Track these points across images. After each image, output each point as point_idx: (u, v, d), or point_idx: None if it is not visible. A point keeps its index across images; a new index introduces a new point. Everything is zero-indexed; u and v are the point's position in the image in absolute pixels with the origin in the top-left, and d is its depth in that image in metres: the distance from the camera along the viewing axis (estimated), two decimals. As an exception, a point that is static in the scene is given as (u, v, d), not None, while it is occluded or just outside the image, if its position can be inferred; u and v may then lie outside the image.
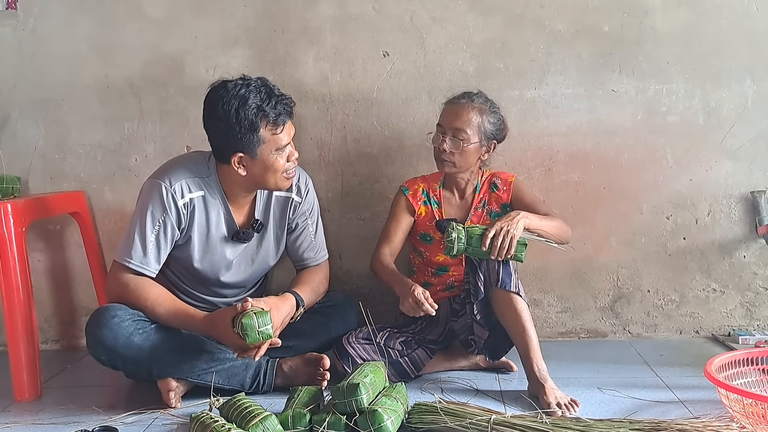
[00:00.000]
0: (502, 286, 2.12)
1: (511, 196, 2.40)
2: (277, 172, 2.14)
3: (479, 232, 2.11)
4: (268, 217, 2.31)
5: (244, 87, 2.06)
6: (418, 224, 2.41)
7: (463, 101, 2.30)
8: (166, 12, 2.68)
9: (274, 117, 2.07)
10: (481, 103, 2.31)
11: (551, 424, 1.77)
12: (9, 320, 2.22)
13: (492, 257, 2.11)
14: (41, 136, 2.74)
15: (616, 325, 2.76)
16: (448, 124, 2.29)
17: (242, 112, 2.03)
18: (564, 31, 2.64)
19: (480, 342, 2.26)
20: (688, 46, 2.63)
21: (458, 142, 2.27)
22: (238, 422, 1.80)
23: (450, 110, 2.31)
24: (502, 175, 2.44)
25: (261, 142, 2.08)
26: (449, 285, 2.43)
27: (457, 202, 2.43)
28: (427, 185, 2.43)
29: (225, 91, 2.06)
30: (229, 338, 2.01)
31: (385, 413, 1.79)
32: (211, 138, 2.14)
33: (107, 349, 2.06)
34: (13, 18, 2.70)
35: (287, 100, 2.11)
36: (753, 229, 2.67)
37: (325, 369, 2.16)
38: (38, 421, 2.06)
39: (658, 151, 2.68)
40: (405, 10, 2.65)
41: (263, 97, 2.06)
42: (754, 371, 2.06)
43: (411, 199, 2.40)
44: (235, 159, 2.10)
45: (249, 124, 2.04)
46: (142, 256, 2.11)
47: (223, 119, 2.05)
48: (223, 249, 2.24)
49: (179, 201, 2.13)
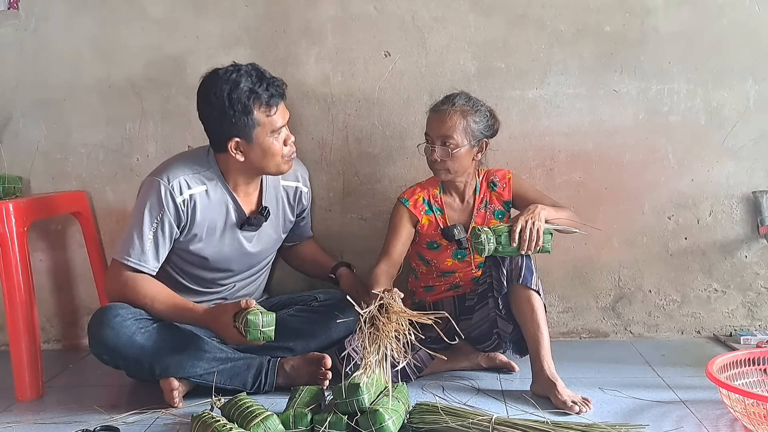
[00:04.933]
0: (524, 283, 2.14)
1: (512, 193, 2.41)
2: (275, 156, 2.16)
3: (506, 230, 2.13)
4: (278, 205, 2.35)
5: (235, 72, 2.10)
6: (423, 234, 2.39)
7: (445, 107, 2.28)
8: (167, 12, 2.68)
9: (267, 98, 2.10)
10: (462, 104, 2.28)
11: (552, 424, 1.77)
12: (11, 320, 2.23)
13: (522, 252, 2.12)
14: (43, 136, 2.74)
15: (618, 325, 2.76)
16: (435, 132, 2.29)
17: (235, 96, 2.06)
18: (565, 31, 2.64)
19: (505, 336, 2.28)
20: (690, 46, 2.63)
21: (447, 150, 2.26)
22: (240, 422, 1.80)
23: (434, 119, 2.31)
24: (498, 173, 2.44)
25: (256, 124, 2.10)
26: (454, 285, 2.43)
27: (458, 206, 2.42)
28: (426, 193, 2.41)
29: (216, 78, 2.10)
30: (228, 332, 2.03)
31: (387, 413, 1.80)
32: (206, 127, 2.17)
33: (109, 348, 2.06)
34: (15, 18, 2.70)
35: (279, 82, 2.14)
36: (755, 229, 2.67)
37: (326, 369, 2.17)
38: (40, 421, 2.06)
39: (660, 151, 2.67)
40: (406, 10, 2.65)
41: (254, 80, 2.09)
42: (755, 371, 2.06)
43: (413, 210, 2.38)
44: (232, 145, 2.12)
45: (242, 107, 2.07)
46: (140, 253, 2.12)
47: (217, 105, 2.08)
48: (234, 239, 2.26)
49: (177, 198, 2.14)
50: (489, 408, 1.99)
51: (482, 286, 2.29)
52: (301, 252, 2.61)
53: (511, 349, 2.35)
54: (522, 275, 2.15)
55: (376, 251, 2.63)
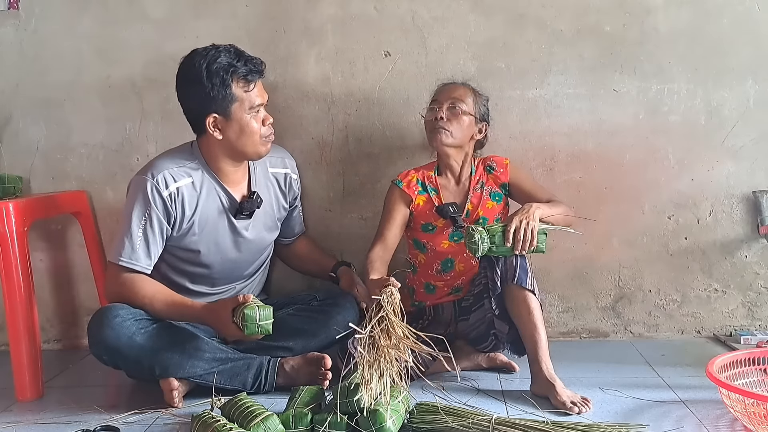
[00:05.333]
0: (518, 283, 2.14)
1: (509, 177, 2.41)
2: (253, 135, 2.18)
3: (500, 229, 2.13)
4: (269, 193, 2.37)
5: (214, 49, 2.15)
6: (417, 215, 2.39)
7: (458, 82, 2.40)
8: (167, 12, 2.68)
9: (245, 73, 2.14)
10: (472, 87, 2.40)
11: (552, 424, 1.77)
12: (11, 320, 2.23)
13: (516, 252, 2.12)
14: (43, 136, 2.74)
15: (618, 325, 2.76)
16: (446, 96, 2.34)
17: (213, 68, 2.11)
18: (565, 30, 2.64)
19: (502, 336, 2.28)
20: (690, 46, 2.63)
21: (456, 110, 2.30)
22: (240, 422, 1.80)
23: (446, 87, 2.39)
24: (496, 158, 2.45)
25: (233, 99, 2.13)
26: (455, 288, 2.42)
27: (453, 187, 2.42)
28: (420, 174, 2.42)
29: (195, 54, 2.16)
30: (226, 327, 2.03)
31: (387, 413, 1.79)
32: (185, 105, 2.21)
33: (109, 348, 2.06)
34: (15, 18, 2.70)
35: (257, 60, 2.19)
36: (755, 229, 2.67)
37: (326, 369, 2.17)
38: (40, 421, 2.06)
39: (660, 151, 2.67)
40: (407, 9, 2.65)
41: (233, 56, 2.15)
42: (755, 371, 2.06)
43: (406, 190, 2.38)
44: (210, 121, 2.15)
45: (220, 81, 2.11)
46: (131, 252, 2.13)
47: (195, 79, 2.11)
48: (229, 227, 2.27)
49: (164, 192, 2.15)
50: (489, 408, 1.99)
51: (478, 287, 2.29)
52: (299, 251, 2.61)
53: (509, 349, 2.35)
54: (516, 275, 2.14)
55: (377, 251, 2.63)
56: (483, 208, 2.37)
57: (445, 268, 2.40)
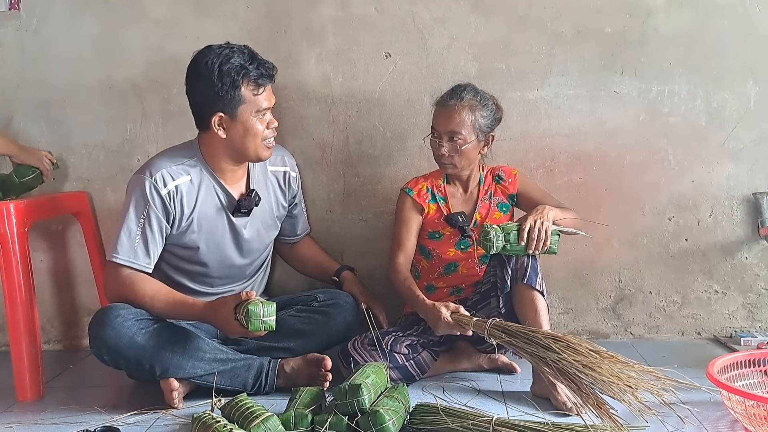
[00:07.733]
0: (528, 283, 2.14)
1: (517, 188, 2.42)
2: (256, 137, 2.18)
3: (515, 228, 2.14)
4: (268, 191, 2.36)
5: (228, 48, 2.15)
6: (426, 223, 2.40)
7: (452, 102, 2.28)
8: (168, 13, 2.68)
9: (256, 76, 2.14)
10: (470, 98, 2.28)
11: (553, 425, 1.77)
12: (11, 320, 2.23)
13: (530, 251, 2.13)
14: (44, 136, 2.74)
15: (618, 326, 2.76)
16: (442, 128, 2.29)
17: (225, 68, 2.11)
18: (566, 32, 2.64)
19: None
20: (691, 48, 2.63)
21: (455, 146, 2.28)
22: (240, 423, 1.80)
23: (441, 113, 2.30)
24: (504, 169, 2.46)
25: (241, 101, 2.13)
26: (456, 288, 2.42)
27: (462, 196, 2.43)
28: (429, 183, 2.42)
29: (209, 50, 2.15)
30: (229, 325, 2.02)
31: (387, 414, 1.80)
32: (192, 101, 2.20)
33: (110, 348, 2.06)
34: (16, 19, 2.71)
35: (270, 65, 2.19)
36: (755, 230, 2.67)
37: (326, 370, 2.16)
38: (40, 421, 2.06)
39: (660, 153, 2.67)
40: (407, 11, 2.65)
41: (246, 58, 2.14)
42: (756, 373, 2.06)
43: (417, 199, 2.39)
44: (215, 119, 2.15)
45: (231, 81, 2.11)
46: (129, 250, 2.12)
47: (206, 75, 2.11)
48: (228, 225, 2.27)
49: (162, 191, 2.15)
50: (489, 409, 1.99)
51: (485, 286, 2.29)
52: (302, 253, 2.61)
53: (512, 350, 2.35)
54: (527, 275, 2.15)
55: (377, 252, 2.64)
56: (491, 218, 2.39)
57: (448, 271, 2.42)
